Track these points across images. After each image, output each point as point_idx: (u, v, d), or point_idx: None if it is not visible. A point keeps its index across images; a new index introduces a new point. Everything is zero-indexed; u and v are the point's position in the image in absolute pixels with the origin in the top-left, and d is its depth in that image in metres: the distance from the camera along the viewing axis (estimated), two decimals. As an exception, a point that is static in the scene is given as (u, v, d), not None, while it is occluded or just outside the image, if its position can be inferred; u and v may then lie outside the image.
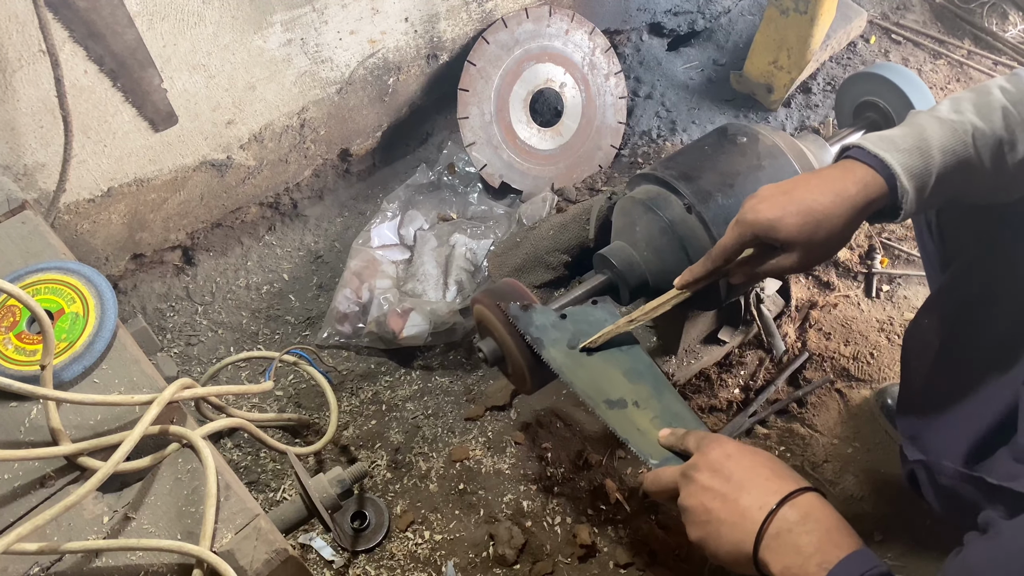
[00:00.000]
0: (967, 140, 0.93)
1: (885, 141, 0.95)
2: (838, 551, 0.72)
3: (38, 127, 1.47)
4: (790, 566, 0.73)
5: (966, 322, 1.08)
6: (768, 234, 0.99)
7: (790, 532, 0.75)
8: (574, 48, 2.10)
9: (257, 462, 1.59)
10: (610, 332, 1.16)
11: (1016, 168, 0.95)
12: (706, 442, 0.88)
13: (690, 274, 1.11)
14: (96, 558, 0.86)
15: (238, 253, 1.99)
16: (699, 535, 0.82)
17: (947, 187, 0.95)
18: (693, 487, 0.84)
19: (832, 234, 0.96)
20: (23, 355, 1.00)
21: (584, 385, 1.10)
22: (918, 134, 0.95)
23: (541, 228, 1.81)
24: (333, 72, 1.85)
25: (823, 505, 0.78)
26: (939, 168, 0.93)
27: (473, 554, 1.45)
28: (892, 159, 0.93)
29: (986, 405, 1.00)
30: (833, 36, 2.25)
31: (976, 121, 0.94)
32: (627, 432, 1.03)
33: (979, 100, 0.96)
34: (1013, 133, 0.94)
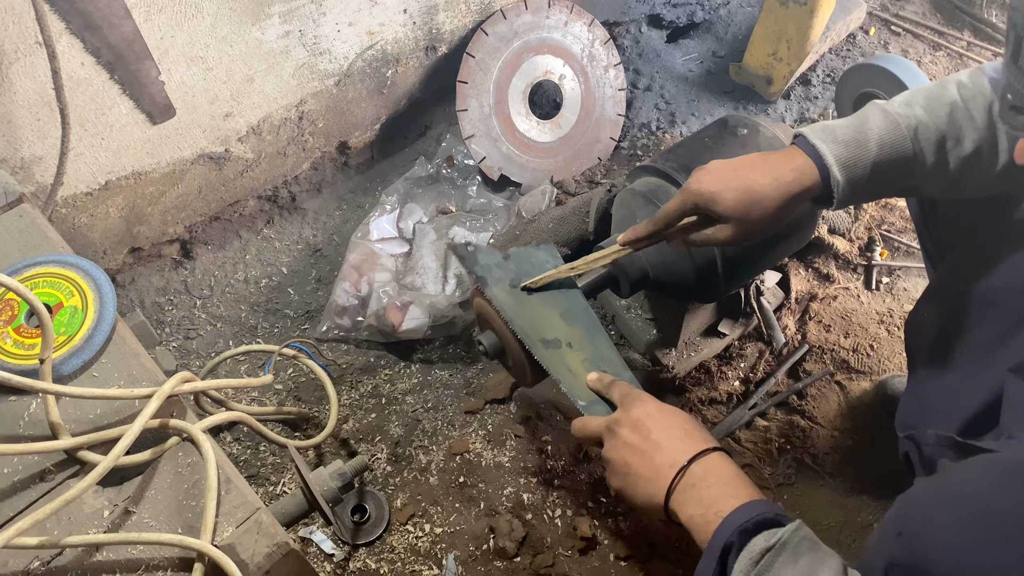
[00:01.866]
0: (908, 134, 0.97)
1: (826, 132, 1.01)
2: (734, 500, 0.80)
3: (35, 120, 1.46)
4: (693, 515, 0.82)
5: (960, 312, 1.09)
6: (708, 205, 1.05)
7: (694, 487, 0.84)
8: (573, 40, 2.09)
9: (257, 456, 1.59)
10: (551, 276, 1.19)
11: (961, 163, 0.98)
12: (629, 399, 0.95)
13: (633, 233, 1.16)
14: (96, 552, 0.86)
15: (236, 246, 1.99)
16: (619, 485, 0.91)
17: (887, 179, 1.00)
18: (615, 441, 0.92)
19: (766, 214, 1.02)
20: (22, 349, 0.99)
21: (522, 323, 1.13)
22: (860, 125, 1.00)
23: (540, 221, 1.81)
24: (331, 64, 1.84)
25: (725, 463, 0.86)
26: (874, 160, 0.98)
27: (474, 547, 1.45)
28: (827, 150, 0.99)
29: (975, 392, 1.02)
30: (832, 28, 2.24)
31: (922, 116, 0.98)
32: (559, 372, 1.07)
33: (932, 94, 1.00)
34: (959, 129, 0.97)
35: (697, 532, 0.82)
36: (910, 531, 0.71)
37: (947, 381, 1.10)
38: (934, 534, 0.69)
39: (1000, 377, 0.97)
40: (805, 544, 0.75)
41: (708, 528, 0.80)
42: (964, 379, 1.06)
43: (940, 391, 1.10)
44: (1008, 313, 1.01)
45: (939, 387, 1.11)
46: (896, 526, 0.74)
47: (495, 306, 1.16)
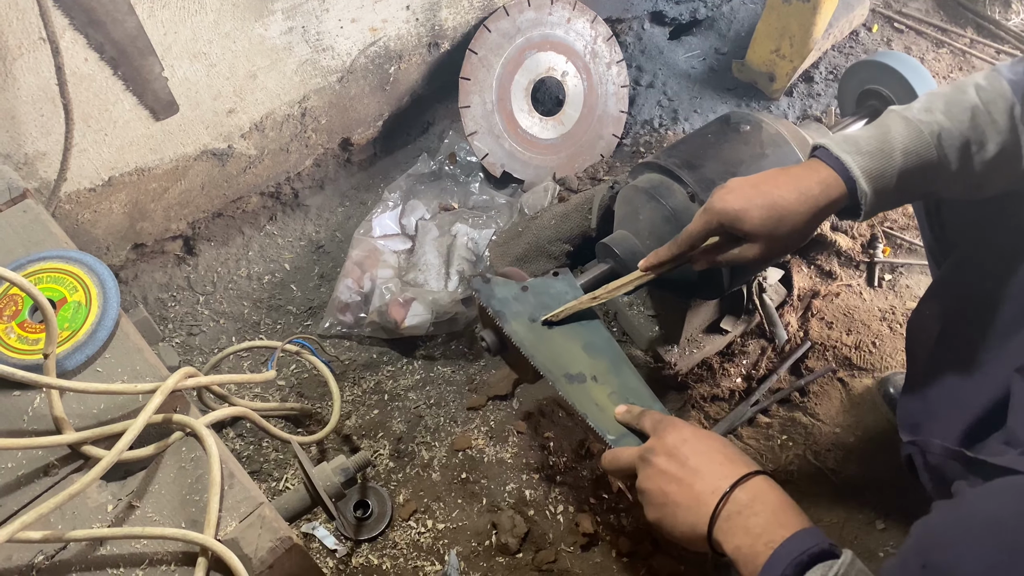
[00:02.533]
0: (932, 141, 0.96)
1: (849, 143, 0.98)
2: (783, 530, 0.75)
3: (39, 115, 1.46)
4: (740, 546, 0.77)
5: (965, 311, 1.08)
6: (733, 224, 1.02)
7: (740, 514, 0.79)
8: (576, 36, 2.09)
9: (260, 452, 1.59)
10: (572, 307, 1.16)
11: (985, 167, 0.97)
12: (662, 426, 0.90)
13: (655, 257, 1.13)
14: (100, 546, 0.86)
15: (239, 243, 1.99)
16: (656, 516, 0.86)
17: (912, 186, 0.98)
18: (650, 470, 0.87)
19: (794, 229, 1.00)
20: (26, 344, 1.00)
21: (544, 359, 1.10)
22: (882, 135, 0.97)
23: (543, 218, 1.81)
24: (334, 61, 1.84)
25: (771, 488, 0.81)
26: (900, 169, 0.96)
27: (476, 543, 1.46)
28: (852, 162, 0.97)
29: (980, 392, 1.01)
30: (835, 24, 2.24)
31: (944, 121, 0.96)
32: (585, 407, 1.04)
33: (951, 99, 0.98)
34: (982, 133, 0.95)
35: (745, 564, 0.77)
36: (935, 563, 0.69)
37: (951, 381, 1.09)
38: (959, 563, 0.67)
39: (1006, 377, 0.97)
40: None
41: (757, 560, 0.75)
42: (968, 379, 1.05)
43: (943, 390, 1.10)
44: (1013, 312, 1.00)
45: (942, 386, 1.10)
46: (920, 558, 0.71)
47: (515, 340, 1.13)
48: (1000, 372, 0.99)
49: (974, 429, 1.00)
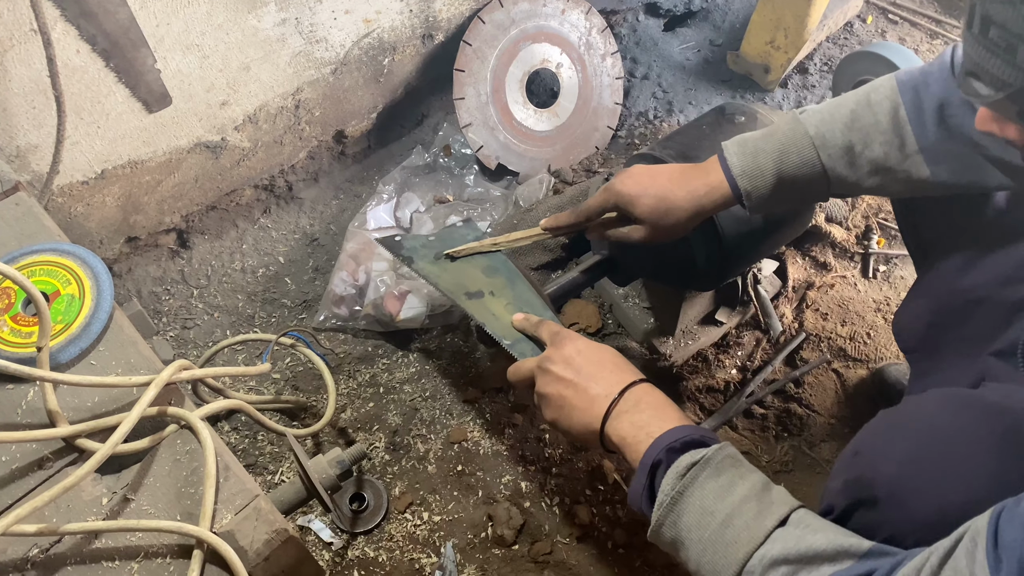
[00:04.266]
0: (811, 143, 1.03)
1: (741, 143, 1.08)
2: (664, 424, 0.87)
3: (31, 108, 1.45)
4: (625, 437, 0.88)
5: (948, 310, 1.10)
6: (627, 206, 1.15)
7: (627, 412, 0.90)
8: (570, 28, 2.09)
9: (255, 445, 1.59)
10: (473, 248, 1.30)
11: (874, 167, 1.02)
12: (559, 337, 1.01)
13: (555, 220, 1.26)
14: (95, 539, 0.86)
15: (233, 236, 1.98)
16: (554, 417, 0.97)
17: (797, 186, 1.06)
18: (548, 377, 0.98)
19: (678, 222, 1.13)
20: (19, 337, 0.99)
21: (447, 284, 1.24)
22: (768, 135, 1.07)
23: (538, 210, 1.81)
24: (328, 52, 1.83)
25: (654, 391, 0.93)
26: (776, 168, 1.05)
27: (472, 535, 1.46)
28: (736, 161, 1.07)
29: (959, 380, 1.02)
30: (830, 16, 2.24)
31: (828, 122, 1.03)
32: (483, 317, 1.17)
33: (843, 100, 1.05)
34: (866, 135, 1.01)
35: (629, 453, 0.88)
36: (864, 449, 0.79)
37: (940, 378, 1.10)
38: (884, 449, 0.76)
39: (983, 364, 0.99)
40: (729, 461, 0.80)
41: (639, 448, 0.86)
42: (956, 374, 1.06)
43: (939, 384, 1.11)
44: (995, 308, 1.01)
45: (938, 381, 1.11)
46: (854, 447, 0.80)
47: (421, 275, 1.27)
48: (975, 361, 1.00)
49: None
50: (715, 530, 0.76)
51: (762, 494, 0.77)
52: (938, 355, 1.12)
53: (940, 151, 0.98)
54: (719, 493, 0.77)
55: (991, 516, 0.60)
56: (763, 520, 0.75)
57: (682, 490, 0.79)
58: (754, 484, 0.78)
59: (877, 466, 0.75)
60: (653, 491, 0.82)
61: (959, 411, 0.75)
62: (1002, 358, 0.95)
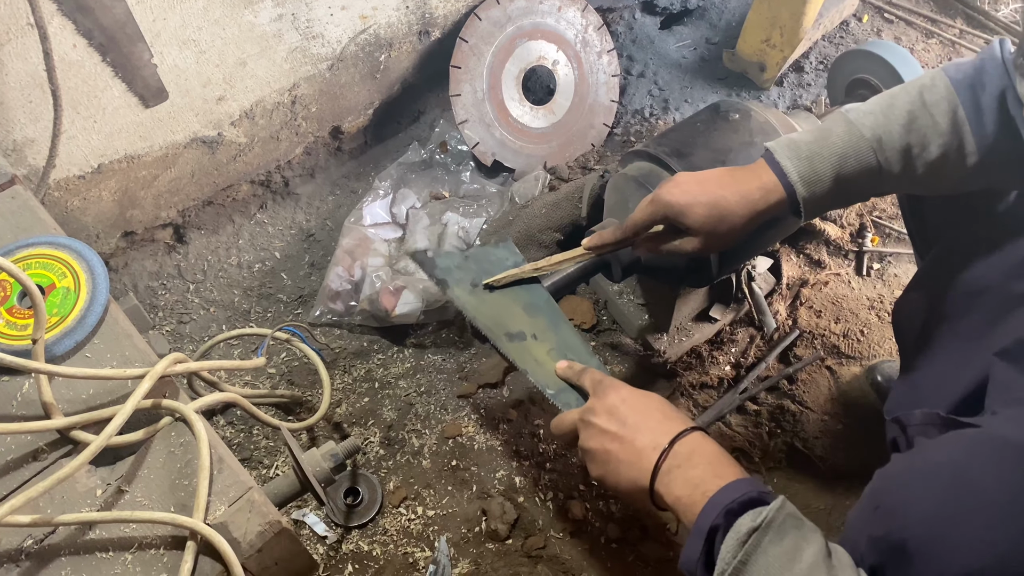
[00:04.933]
0: (871, 145, 0.99)
1: (791, 147, 1.03)
2: (719, 480, 0.80)
3: (27, 102, 1.45)
4: (680, 496, 0.82)
5: (948, 301, 1.10)
6: (677, 218, 1.08)
7: (679, 467, 0.84)
8: (567, 25, 2.09)
9: (250, 439, 1.60)
10: (514, 275, 1.21)
11: (929, 168, 0.99)
12: (602, 387, 0.95)
13: (599, 239, 1.19)
14: (90, 530, 0.87)
15: (229, 231, 1.99)
16: (600, 473, 0.91)
17: (852, 189, 1.02)
18: (592, 430, 0.92)
19: (733, 229, 1.06)
20: (14, 329, 1.00)
21: (486, 320, 1.15)
22: (823, 139, 1.02)
23: (533, 206, 1.81)
24: (324, 48, 1.83)
25: (707, 442, 0.86)
26: (837, 174, 1.00)
27: (466, 529, 1.46)
28: (791, 167, 1.01)
29: (962, 378, 1.02)
30: (826, 15, 2.24)
31: (884, 125, 0.99)
32: (525, 363, 1.09)
33: (896, 101, 1.01)
34: (924, 136, 0.97)
35: (684, 513, 0.82)
36: (887, 504, 0.73)
37: (936, 368, 1.11)
38: (910, 505, 0.71)
39: (986, 363, 0.98)
40: (790, 522, 0.75)
41: (694, 509, 0.80)
42: (953, 366, 1.06)
43: (929, 378, 1.11)
44: (994, 301, 1.01)
45: (928, 374, 1.12)
46: (874, 500, 0.76)
47: (458, 306, 1.18)
48: (982, 358, 1.00)
49: (955, 409, 1.01)
50: None
51: (827, 559, 0.73)
52: (936, 347, 1.12)
53: (998, 151, 0.96)
54: (785, 561, 0.73)
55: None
56: None
57: (745, 560, 0.73)
58: (818, 547, 0.73)
59: (905, 523, 0.70)
60: (710, 557, 0.77)
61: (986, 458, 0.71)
62: (1008, 360, 0.94)
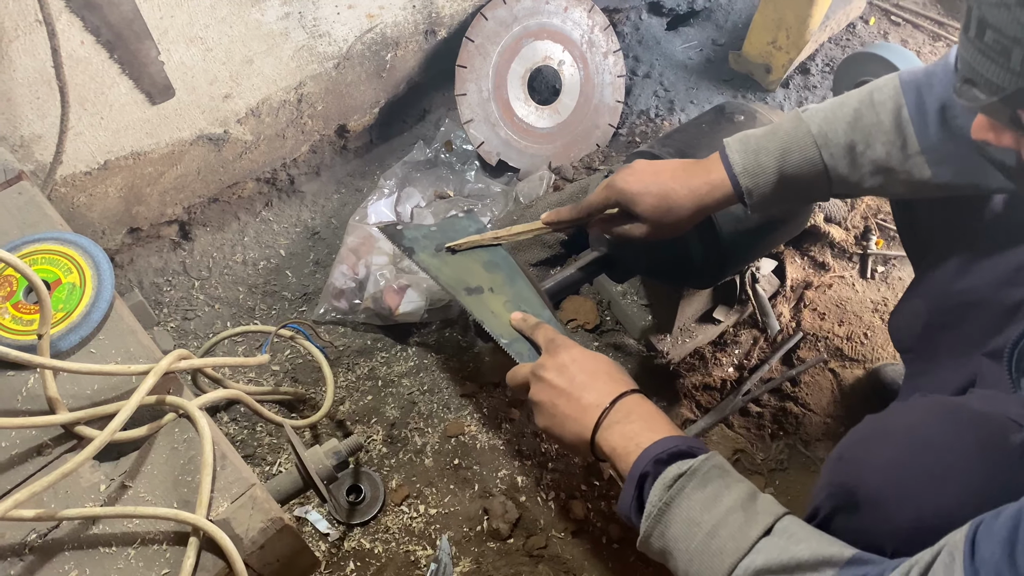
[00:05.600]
0: (814, 141, 1.03)
1: (743, 140, 1.08)
2: (652, 435, 0.87)
3: (35, 98, 1.46)
4: (616, 447, 0.89)
5: (943, 311, 1.10)
6: (628, 204, 1.14)
7: (618, 423, 0.91)
8: (573, 26, 2.09)
9: (253, 436, 1.60)
10: (474, 241, 1.30)
11: (876, 167, 1.02)
12: (554, 345, 1.02)
13: (556, 215, 1.25)
14: (93, 525, 0.87)
15: (235, 228, 1.99)
16: (545, 424, 0.98)
17: (800, 184, 1.06)
18: (542, 384, 0.98)
19: (679, 220, 1.12)
20: (20, 325, 1.00)
21: (447, 278, 1.24)
22: (770, 133, 1.06)
23: (538, 206, 1.82)
24: (331, 47, 1.84)
25: (645, 402, 0.94)
26: (779, 166, 1.04)
27: (467, 528, 1.47)
28: (739, 160, 1.06)
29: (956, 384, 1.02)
30: (832, 17, 2.24)
31: (831, 121, 1.03)
32: (482, 314, 1.17)
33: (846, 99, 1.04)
34: (868, 135, 1.01)
35: (619, 463, 0.88)
36: (848, 455, 0.79)
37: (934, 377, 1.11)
38: (868, 456, 0.77)
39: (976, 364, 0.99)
40: (715, 472, 0.80)
41: (628, 459, 0.86)
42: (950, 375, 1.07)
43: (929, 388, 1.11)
44: (989, 311, 1.02)
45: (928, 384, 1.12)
46: (839, 451, 0.81)
47: (421, 267, 1.27)
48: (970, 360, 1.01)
49: None
50: (701, 541, 0.77)
51: (748, 503, 0.77)
52: (933, 355, 1.12)
53: (942, 152, 0.98)
54: (705, 504, 0.78)
55: (968, 530, 0.61)
56: (748, 530, 0.75)
57: (668, 501, 0.80)
58: (740, 494, 0.78)
59: (860, 472, 0.75)
60: (642, 502, 0.83)
61: (944, 420, 0.76)
62: (994, 358, 0.96)
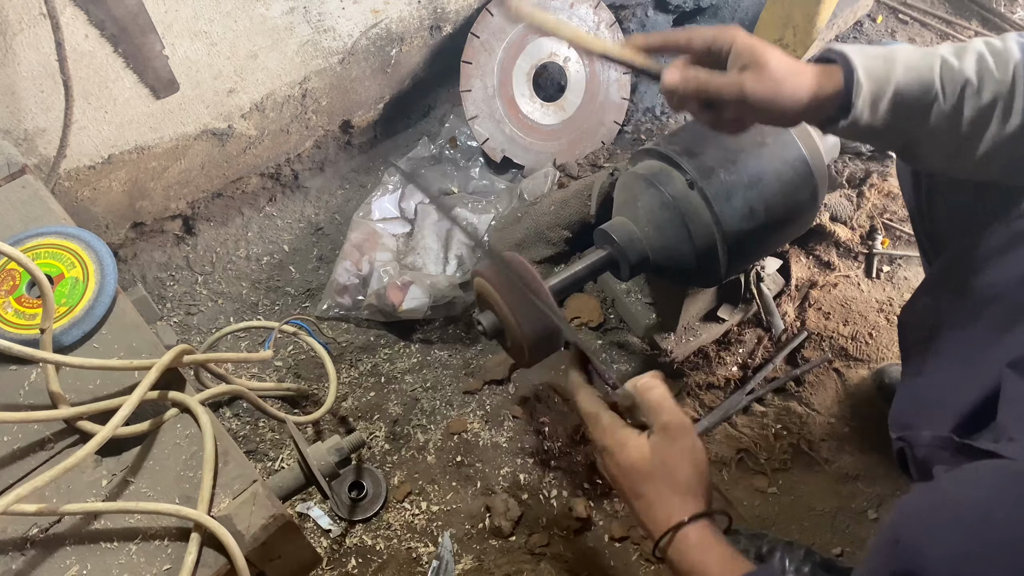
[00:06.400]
0: (934, 66, 0.94)
1: (854, 47, 0.97)
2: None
3: (39, 92, 1.46)
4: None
5: (957, 307, 1.08)
6: (747, 51, 0.96)
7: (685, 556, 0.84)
8: (579, 22, 2.08)
9: (256, 432, 1.60)
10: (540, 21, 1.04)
11: (976, 115, 0.95)
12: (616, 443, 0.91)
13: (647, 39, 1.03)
14: (94, 520, 0.87)
15: (238, 223, 1.99)
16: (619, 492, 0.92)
17: (904, 111, 0.96)
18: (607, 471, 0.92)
19: (792, 97, 0.95)
20: (23, 319, 1.00)
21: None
22: (888, 48, 0.97)
23: (542, 203, 1.81)
24: (335, 42, 1.83)
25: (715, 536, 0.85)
26: (899, 80, 0.94)
27: (469, 525, 1.46)
28: (855, 57, 0.95)
29: (972, 388, 1.01)
30: (840, 15, 2.23)
31: (948, 56, 0.95)
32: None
33: (959, 44, 0.98)
34: (982, 77, 0.94)
35: None
36: (908, 540, 0.71)
37: (942, 377, 1.09)
38: (932, 542, 0.69)
39: (997, 372, 0.97)
40: None
41: None
42: (960, 375, 1.05)
43: (935, 388, 1.09)
44: (1006, 308, 1.00)
45: (934, 383, 1.10)
46: (895, 534, 0.73)
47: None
48: (992, 368, 0.98)
49: (964, 425, 1.00)
50: None
51: None
52: (936, 357, 1.11)
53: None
54: None
55: None
56: None
57: None
58: None
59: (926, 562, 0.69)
60: None
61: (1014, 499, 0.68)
62: (1018, 372, 0.92)
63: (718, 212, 1.28)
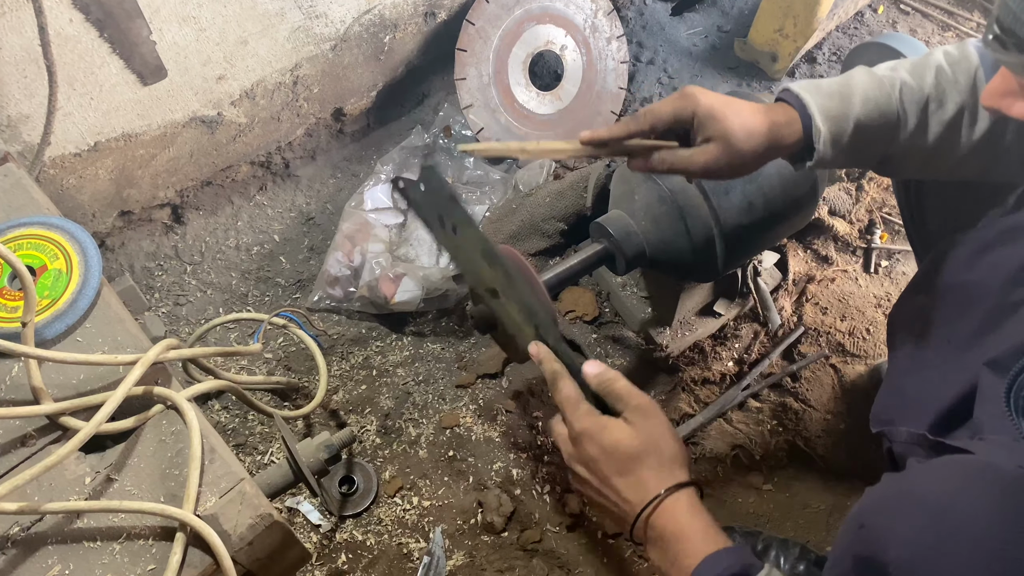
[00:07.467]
0: (892, 93, 0.97)
1: (811, 85, 0.99)
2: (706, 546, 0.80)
3: (22, 77, 1.42)
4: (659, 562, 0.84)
5: (943, 306, 1.09)
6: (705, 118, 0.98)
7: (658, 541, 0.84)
8: (576, 10, 2.05)
9: (245, 425, 1.58)
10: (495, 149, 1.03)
11: (943, 129, 0.97)
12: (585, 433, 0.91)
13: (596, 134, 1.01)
14: (77, 519, 0.85)
15: (228, 213, 1.96)
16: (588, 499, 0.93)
17: (869, 139, 0.98)
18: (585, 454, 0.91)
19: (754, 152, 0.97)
20: (4, 312, 0.97)
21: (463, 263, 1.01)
22: (845, 81, 0.99)
23: (538, 195, 1.79)
24: (328, 28, 1.80)
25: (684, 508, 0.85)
26: (858, 115, 0.97)
27: (461, 521, 1.45)
28: (811, 100, 0.97)
29: (949, 386, 1.01)
30: (840, 5, 2.20)
31: (906, 78, 0.98)
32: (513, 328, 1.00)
33: (917, 61, 1.00)
34: (943, 92, 0.97)
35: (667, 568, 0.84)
36: (872, 525, 0.74)
37: (925, 375, 1.09)
38: (895, 529, 0.71)
39: (975, 371, 0.97)
40: None
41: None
42: (941, 373, 1.05)
43: (917, 385, 1.10)
44: (987, 308, 1.00)
45: (917, 381, 1.10)
46: (860, 519, 0.76)
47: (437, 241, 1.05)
48: (971, 366, 0.98)
49: (942, 421, 1.00)
50: None
51: None
52: (920, 355, 1.10)
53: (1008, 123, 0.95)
54: None
55: None
56: None
57: None
58: None
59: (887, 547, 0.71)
60: None
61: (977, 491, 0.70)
62: (997, 371, 0.92)
63: (716, 206, 1.26)
